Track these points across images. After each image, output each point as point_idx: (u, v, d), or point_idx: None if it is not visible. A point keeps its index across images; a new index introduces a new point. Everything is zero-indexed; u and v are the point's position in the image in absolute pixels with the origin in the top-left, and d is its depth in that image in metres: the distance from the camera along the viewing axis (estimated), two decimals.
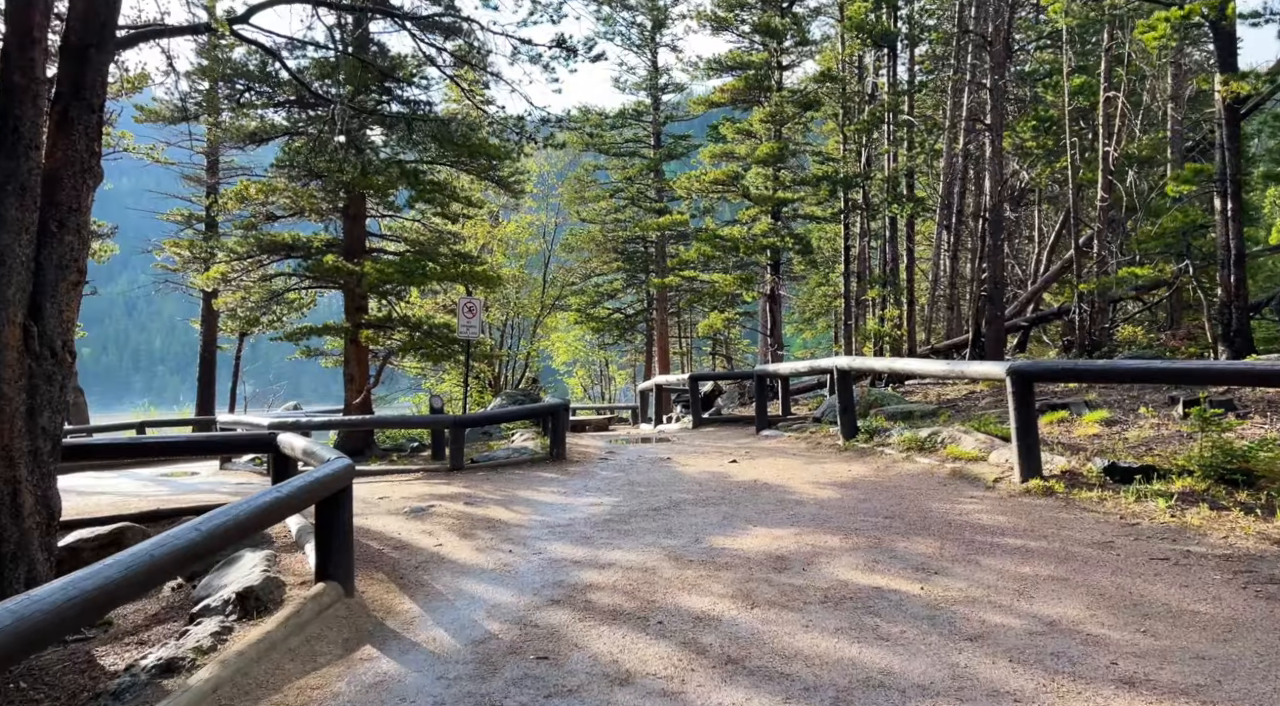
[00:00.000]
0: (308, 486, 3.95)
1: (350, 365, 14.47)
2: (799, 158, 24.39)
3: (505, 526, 6.86)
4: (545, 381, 27.36)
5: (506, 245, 19.67)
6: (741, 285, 19.11)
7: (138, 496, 9.32)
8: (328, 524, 4.49)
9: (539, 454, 11.28)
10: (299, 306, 20.42)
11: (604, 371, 35.38)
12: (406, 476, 10.42)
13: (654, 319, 30.27)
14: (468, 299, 11.84)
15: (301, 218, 14.20)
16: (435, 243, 14.40)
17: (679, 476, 9.39)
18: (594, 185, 29.76)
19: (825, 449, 11.05)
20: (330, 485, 4.28)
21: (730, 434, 14.68)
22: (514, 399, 17.09)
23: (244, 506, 3.52)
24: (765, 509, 7.19)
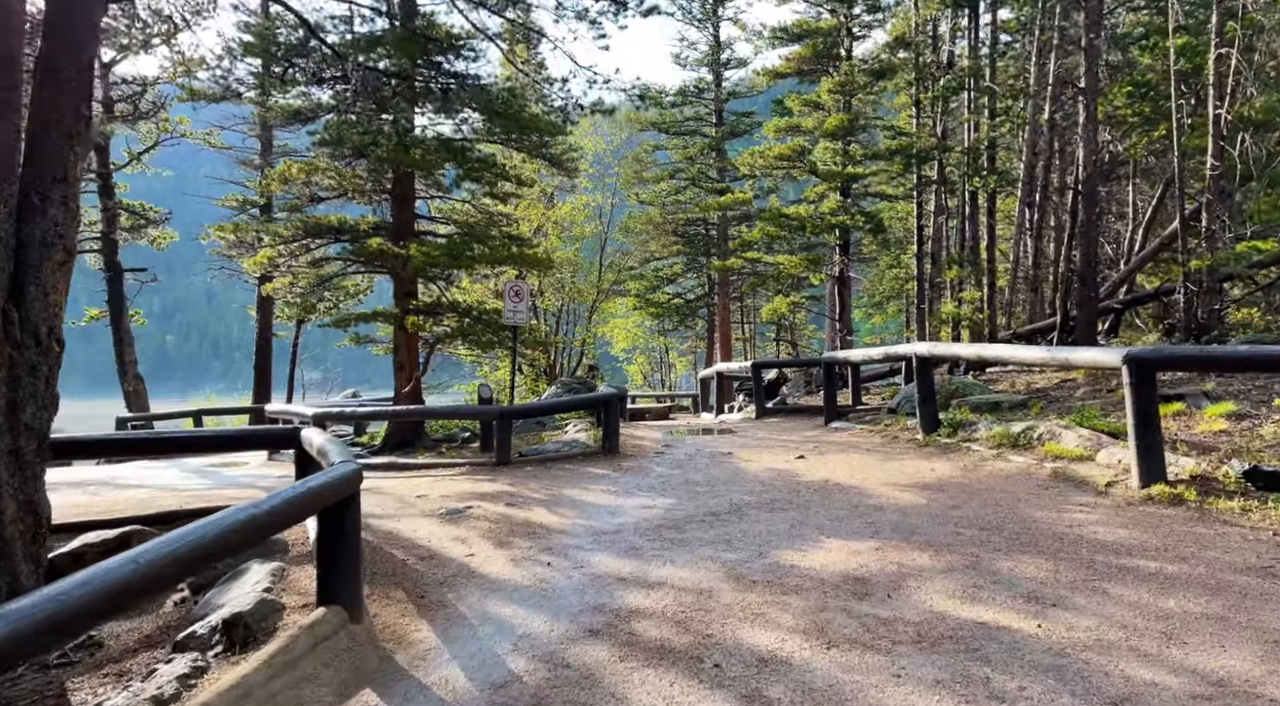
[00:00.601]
0: (298, 498, 3.33)
1: (399, 352, 14.05)
2: (869, 132, 23.16)
3: (546, 532, 6.20)
4: (604, 368, 26.78)
5: (561, 228, 19.03)
6: (808, 267, 18.12)
7: (172, 490, 8.98)
8: (330, 538, 3.89)
9: (591, 447, 10.63)
10: (355, 292, 20.28)
11: (664, 358, 34.61)
12: (451, 471, 9.89)
13: (715, 304, 29.39)
14: (514, 282, 11.22)
15: (348, 200, 13.80)
16: (485, 225, 13.85)
17: (741, 474, 8.62)
18: (653, 166, 28.94)
19: (903, 444, 10.13)
20: (328, 494, 3.66)
21: (796, 425, 13.82)
22: (569, 387, 16.51)
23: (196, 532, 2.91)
24: (839, 515, 6.38)
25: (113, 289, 19.11)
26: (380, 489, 8.45)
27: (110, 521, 5.95)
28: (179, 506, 7.13)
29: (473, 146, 12.82)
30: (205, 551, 2.84)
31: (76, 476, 11.34)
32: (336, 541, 3.89)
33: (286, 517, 3.25)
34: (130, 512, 7.02)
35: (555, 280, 18.98)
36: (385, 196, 14.11)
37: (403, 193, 13.85)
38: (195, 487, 9.30)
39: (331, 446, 4.78)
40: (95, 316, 19.83)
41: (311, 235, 12.90)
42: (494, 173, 12.38)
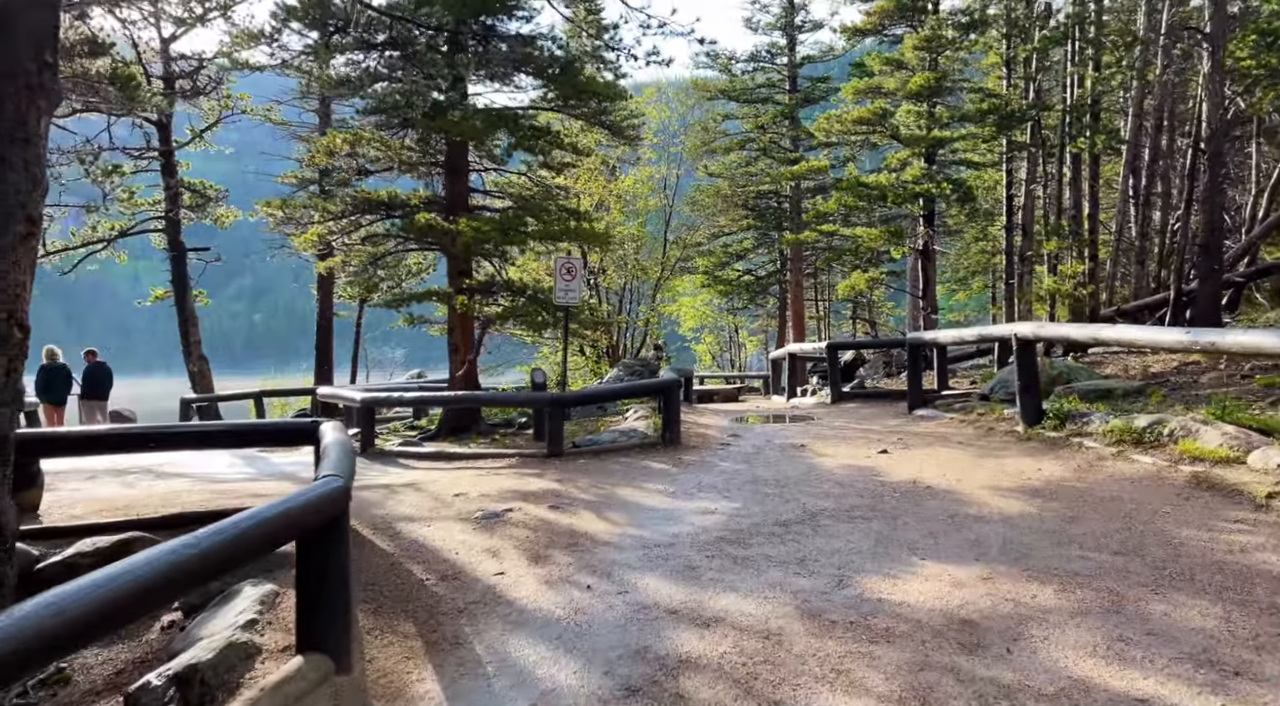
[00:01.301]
0: (242, 534, 2.60)
1: (454, 334, 13.49)
2: (954, 96, 21.59)
3: (591, 544, 5.44)
4: (671, 348, 25.94)
5: (624, 202, 18.17)
6: (889, 240, 16.87)
7: (210, 482, 8.57)
8: (310, 572, 3.19)
9: (650, 437, 9.85)
10: (417, 271, 19.88)
11: (733, 338, 33.55)
12: (499, 463, 9.24)
13: (787, 280, 28.18)
14: (565, 258, 10.44)
15: (398, 173, 13.24)
16: (541, 198, 13.12)
17: (815, 471, 7.72)
18: (722, 136, 27.76)
19: (1000, 437, 9.05)
20: (300, 519, 2.95)
21: (876, 412, 12.77)
22: (631, 370, 15.75)
23: (120, 572, 2.22)
24: (933, 528, 5.45)
25: (176, 269, 19.12)
26: (420, 484, 7.85)
27: (111, 525, 5.43)
28: (202, 505, 6.63)
29: (526, 114, 12.08)
30: (70, 627, 2.11)
31: (123, 463, 11.14)
32: (318, 575, 3.19)
33: (229, 558, 2.55)
34: (151, 510, 6.56)
35: (617, 257, 18.18)
36: (438, 170, 13.51)
37: (455, 165, 13.22)
38: (234, 479, 8.89)
39: (334, 450, 4.10)
40: (160, 296, 19.94)
41: (361, 210, 12.39)
42: (548, 141, 11.61)
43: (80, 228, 15.76)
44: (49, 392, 15.23)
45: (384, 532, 5.76)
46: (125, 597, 2.26)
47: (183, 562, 2.41)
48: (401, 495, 7.23)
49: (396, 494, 7.31)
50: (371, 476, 8.73)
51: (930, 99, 17.28)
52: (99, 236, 18.41)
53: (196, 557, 2.40)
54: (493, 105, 12.22)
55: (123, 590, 2.27)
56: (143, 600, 2.36)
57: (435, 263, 18.98)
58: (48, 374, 15.30)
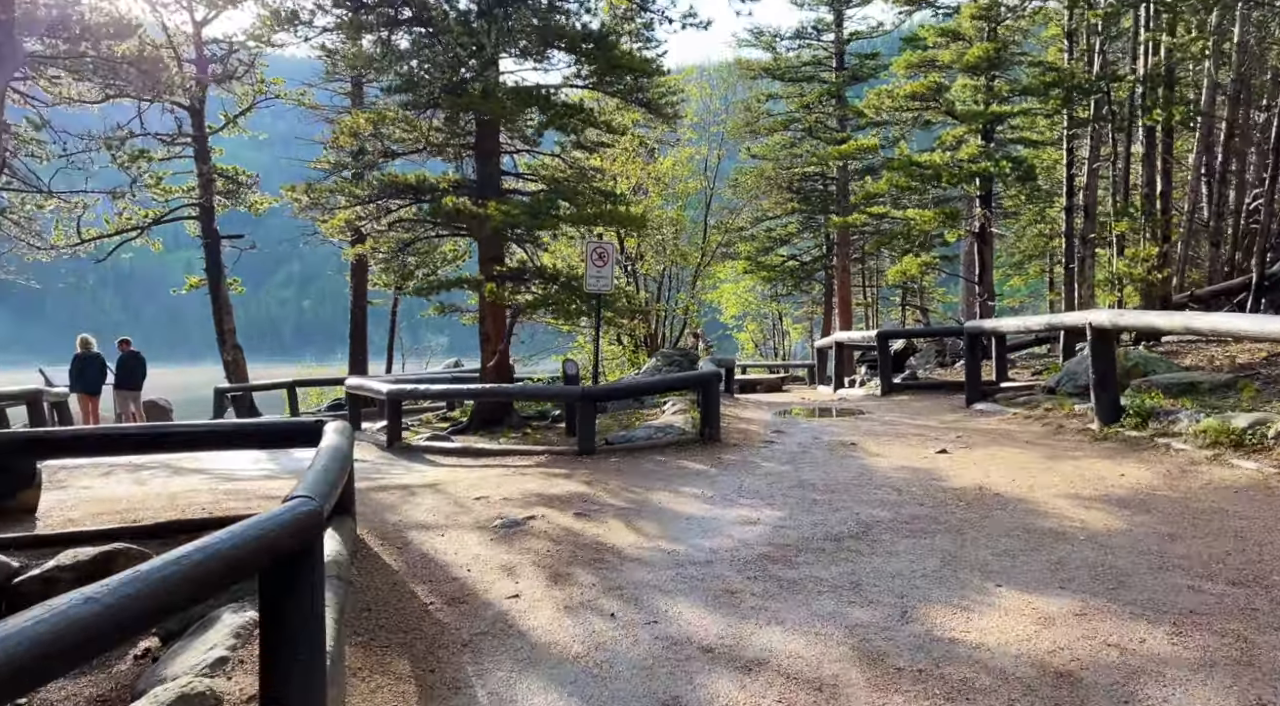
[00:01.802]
0: (151, 587, 2.08)
1: (485, 323, 13.04)
2: (1012, 71, 20.50)
3: (618, 561, 4.90)
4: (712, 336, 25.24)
5: (663, 184, 17.52)
6: (943, 222, 15.99)
7: (229, 479, 8.22)
8: (273, 619, 2.68)
9: (687, 433, 9.27)
10: (453, 258, 19.50)
11: (777, 325, 32.71)
12: (527, 461, 8.75)
13: (834, 266, 27.29)
14: (597, 243, 9.87)
15: (426, 156, 12.79)
16: (575, 180, 12.57)
17: (868, 474, 7.08)
18: (765, 116, 26.90)
19: (1071, 436, 8.30)
20: (246, 559, 2.43)
21: (930, 406, 12.04)
22: (670, 360, 15.18)
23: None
24: (1008, 546, 4.80)
25: (210, 257, 19.00)
26: (442, 485, 7.38)
27: (100, 535, 5.03)
28: (207, 508, 6.23)
29: (557, 91, 11.52)
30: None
31: (142, 456, 10.89)
32: (280, 623, 2.67)
33: (142, 615, 2.04)
34: (151, 514, 6.18)
35: (655, 242, 17.56)
36: (468, 152, 13.04)
37: (486, 147, 12.72)
38: (252, 475, 8.53)
39: (320, 461, 3.60)
40: (195, 284, 19.86)
41: (388, 195, 11.96)
42: (581, 119, 11.05)
43: (112, 215, 15.61)
44: (83, 382, 15.13)
45: (393, 544, 5.28)
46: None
47: (66, 630, 1.89)
48: (419, 498, 6.77)
49: (414, 496, 6.85)
50: (393, 475, 8.30)
51: (989, 72, 16.33)
52: (133, 224, 18.36)
53: (91, 618, 1.89)
54: (524, 83, 11.68)
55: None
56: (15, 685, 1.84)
57: (470, 249, 18.57)
58: (81, 363, 15.19)
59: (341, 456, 3.85)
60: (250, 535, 2.52)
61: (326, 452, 3.77)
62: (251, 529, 2.55)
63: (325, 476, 3.26)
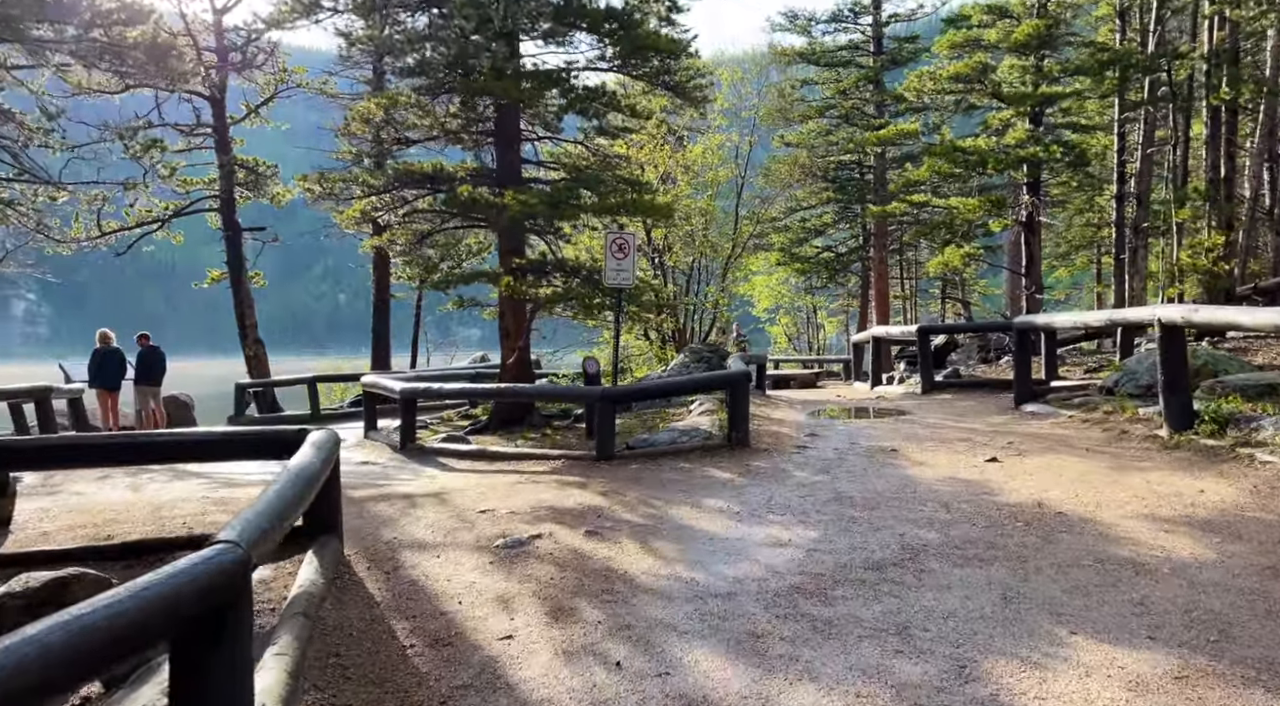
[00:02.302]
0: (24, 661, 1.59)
1: (505, 318, 12.56)
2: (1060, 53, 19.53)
3: (629, 591, 4.35)
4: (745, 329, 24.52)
5: (693, 173, 16.88)
6: (989, 211, 15.15)
7: (227, 485, 7.83)
8: (183, 691, 2.17)
9: (714, 437, 8.69)
10: (476, 250, 19.06)
11: (811, 319, 31.90)
12: (541, 466, 8.23)
13: (870, 257, 26.47)
14: (617, 233, 9.30)
15: (444, 144, 12.32)
16: (599, 168, 12.01)
17: (912, 486, 6.45)
18: (800, 102, 26.11)
19: (1137, 443, 7.59)
20: (138, 628, 1.93)
21: (975, 406, 11.33)
22: (699, 356, 14.57)
23: None
24: (1080, 581, 4.17)
25: (231, 249, 18.77)
26: (447, 494, 6.89)
27: (63, 555, 4.60)
28: (191, 519, 5.80)
29: (579, 75, 10.98)
30: None
31: None
32: (193, 695, 2.16)
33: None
34: (131, 527, 5.76)
35: (684, 233, 16.94)
36: (488, 140, 12.56)
37: (506, 134, 12.22)
38: (254, 480, 8.13)
39: (278, 486, 3.10)
40: (217, 278, 19.65)
41: (403, 184, 11.51)
42: (603, 103, 10.49)
43: (129, 206, 15.32)
44: (102, 378, 14.88)
45: (382, 567, 4.78)
46: None
47: None
48: (421, 510, 6.28)
49: (416, 508, 6.36)
50: (400, 481, 7.84)
51: (1038, 51, 15.46)
52: (154, 216, 18.17)
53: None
54: (544, 66, 11.13)
55: None
56: None
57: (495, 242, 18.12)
58: (100, 358, 14.94)
59: (305, 480, 3.34)
60: (145, 599, 2.00)
61: (285, 479, 3.26)
62: (149, 589, 2.04)
63: (268, 512, 2.74)
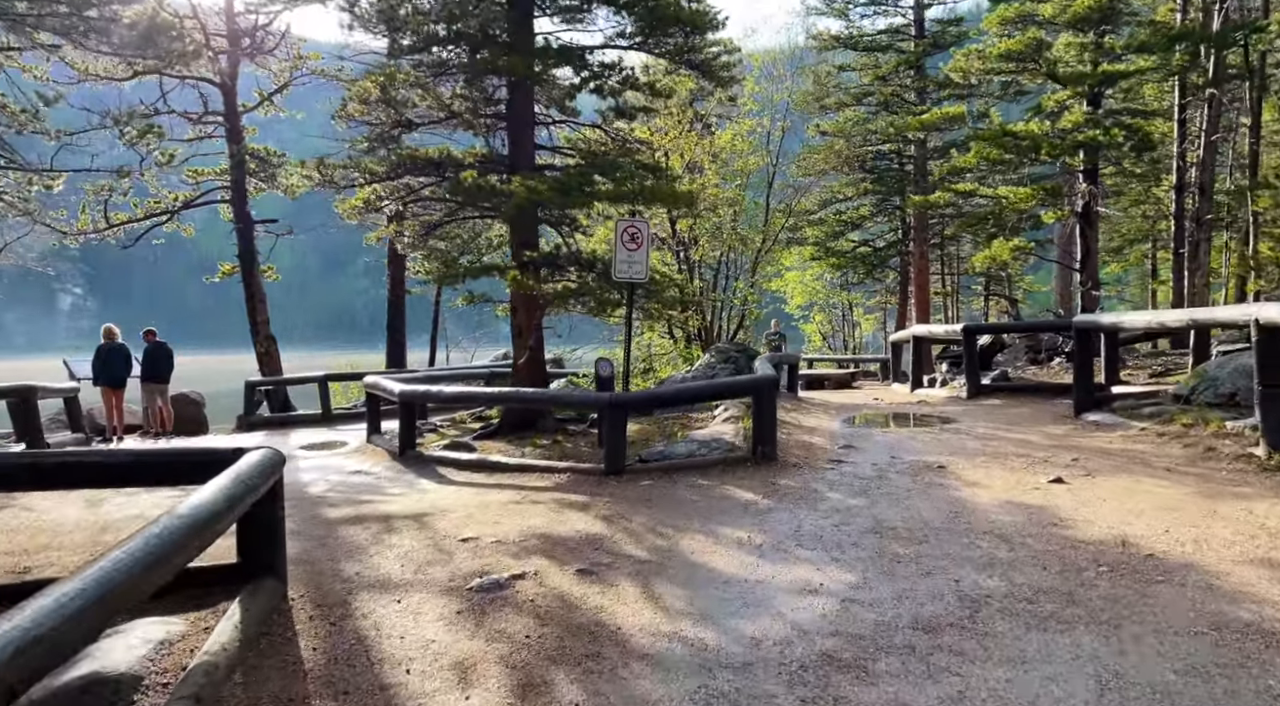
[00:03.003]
0: None
1: (517, 314, 11.80)
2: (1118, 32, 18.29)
3: (619, 657, 3.53)
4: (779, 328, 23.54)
5: (721, 161, 15.93)
6: (1042, 201, 14.04)
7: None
8: None
9: (737, 449, 7.84)
10: (498, 244, 18.32)
11: (847, 316, 30.77)
12: (544, 481, 7.44)
13: (909, 252, 25.33)
14: (628, 221, 8.44)
15: (452, 128, 11.59)
16: (616, 154, 11.19)
17: (965, 514, 5.56)
18: (836, 89, 25.03)
19: (1227, 463, 6.61)
20: None
21: (1029, 414, 10.36)
22: (725, 356, 13.72)
23: None
24: (1195, 656, 3.28)
25: (243, 242, 18.22)
26: (430, 517, 6.12)
27: None
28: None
29: (595, 51, 10.15)
30: None
31: None
32: None
33: None
34: (61, 555, 5.07)
35: (711, 225, 16.01)
36: (500, 125, 11.80)
37: (518, 118, 11.45)
38: None
39: (132, 544, 2.33)
40: (228, 272, 19.13)
41: (407, 171, 10.78)
42: (619, 80, 9.67)
43: (124, 195, 14.80)
44: (106, 375, 14.34)
45: (327, 617, 4.02)
46: None
47: None
48: (396, 536, 5.52)
49: (391, 533, 5.60)
50: (385, 497, 7.10)
51: (1099, 26, 14.33)
52: (163, 208, 17.69)
53: None
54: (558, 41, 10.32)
55: None
56: None
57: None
58: (105, 355, 14.41)
59: (185, 529, 2.56)
60: None
61: (150, 534, 2.48)
62: None
63: (48, 617, 1.94)
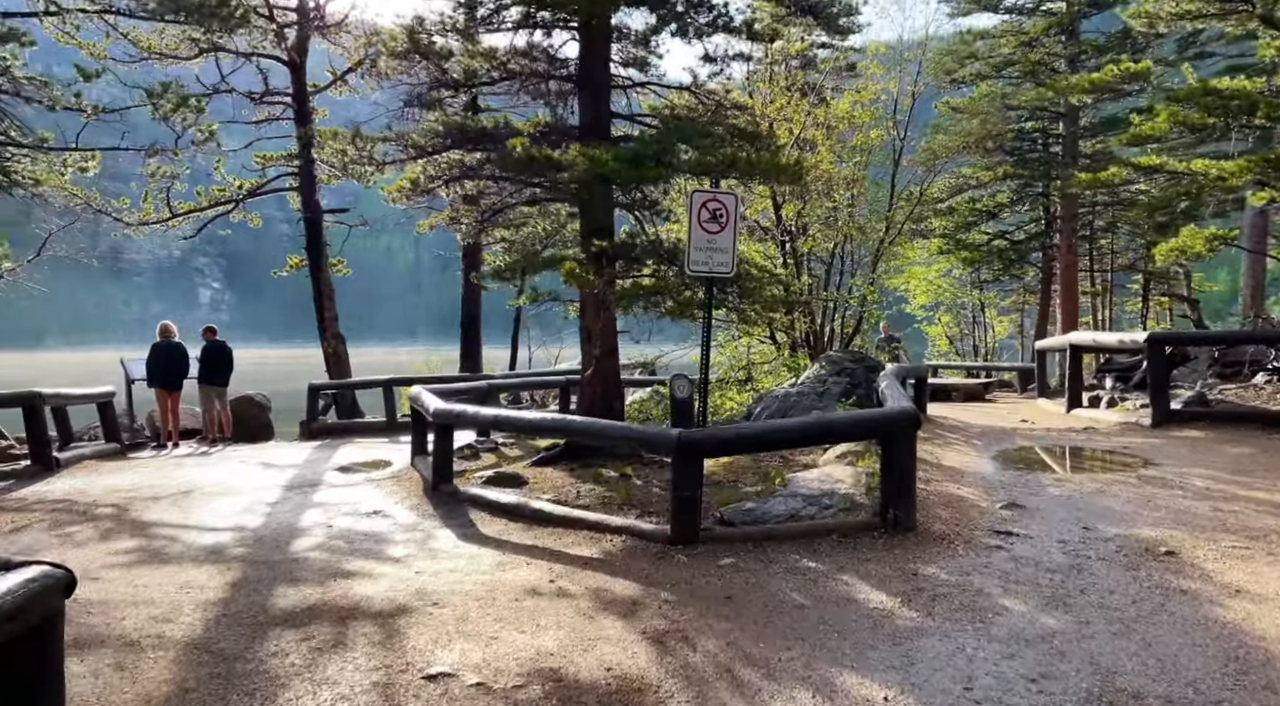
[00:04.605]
0: None
1: (585, 315, 9.99)
2: None
3: None
4: (902, 331, 20.90)
5: (836, 136, 13.67)
6: (1263, 176, 11.15)
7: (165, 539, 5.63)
8: None
9: (857, 507, 5.74)
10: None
11: (978, 318, 27.75)
12: (588, 549, 5.53)
13: (1056, 245, 22.31)
14: (709, 193, 6.35)
15: (515, 95, 9.86)
16: (709, 121, 9.20)
17: (1247, 663, 3.34)
18: (971, 60, 22.19)
19: None
20: None
21: (1257, 454, 7.81)
22: (839, 367, 11.51)
23: None
24: None
25: (311, 233, 17.16)
26: (407, 615, 4.33)
27: None
28: None
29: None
30: None
31: (166, 481, 8.69)
32: None
33: None
34: None
35: (824, 211, 13.77)
36: (569, 87, 10.01)
37: (591, 79, 9.62)
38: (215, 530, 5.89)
39: None
40: (296, 265, 18.13)
41: (456, 143, 9.11)
42: (708, 20, 7.70)
43: (153, 171, 13.83)
44: (161, 376, 13.31)
45: None
46: None
47: None
48: (341, 660, 3.73)
49: (339, 651, 3.82)
50: (372, 570, 5.35)
51: None
52: (227, 196, 16.81)
53: None
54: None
55: None
56: None
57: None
58: (159, 354, 13.39)
59: None
60: None
61: None
62: None
63: None
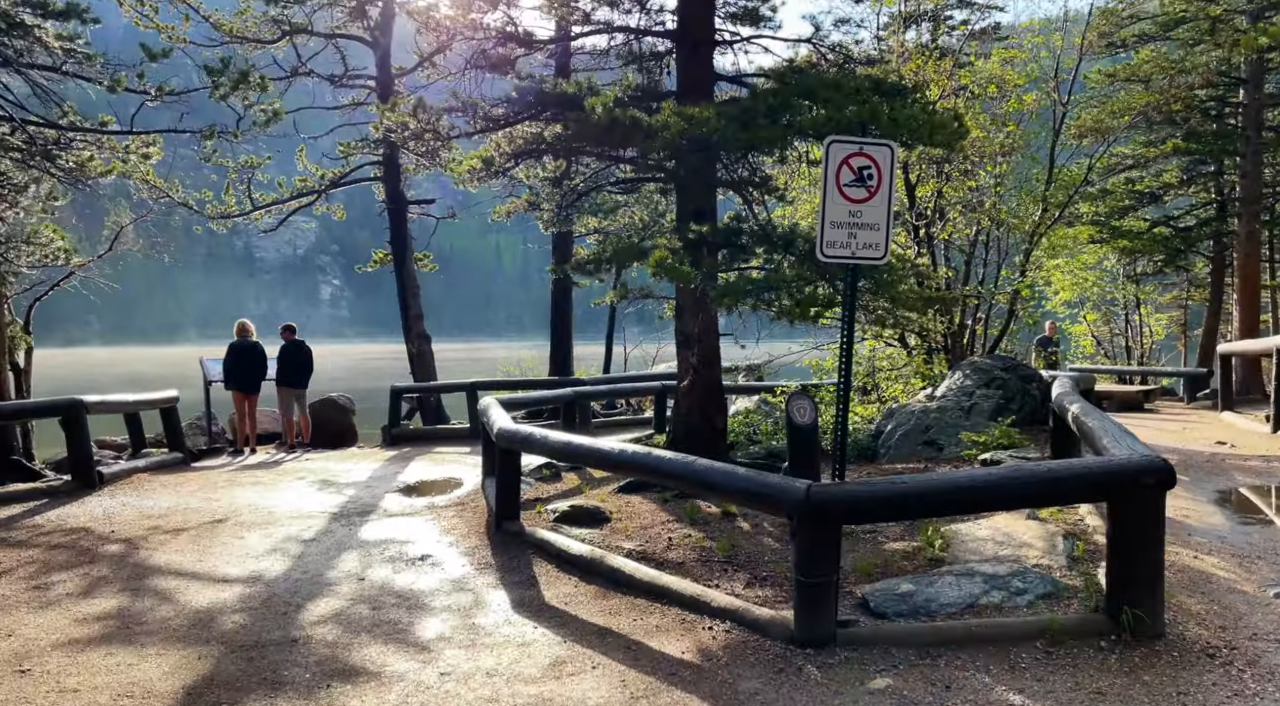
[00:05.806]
0: None
1: (683, 316, 8.53)
2: None
3: None
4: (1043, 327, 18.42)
5: (980, 103, 11.62)
6: None
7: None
8: None
9: (1064, 590, 4.03)
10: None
11: (1131, 316, 24.72)
12: (678, 639, 4.04)
13: (1233, 232, 19.40)
14: (854, 144, 4.66)
15: (597, 58, 8.46)
16: (830, 82, 7.54)
17: None
18: (1133, 20, 19.49)
19: None
20: None
21: None
22: (987, 377, 9.64)
23: None
24: None
25: (395, 225, 16.31)
26: None
27: None
28: None
29: None
30: None
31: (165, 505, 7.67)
32: None
33: None
34: None
35: (965, 192, 11.72)
36: (666, 43, 8.56)
37: (691, 33, 8.16)
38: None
39: None
40: (381, 259, 17.32)
41: (526, 111, 7.77)
42: None
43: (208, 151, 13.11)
44: (238, 378, 12.59)
45: None
46: None
47: None
48: None
49: None
50: (384, 661, 4.02)
51: None
52: (310, 187, 16.12)
53: None
54: None
55: None
56: None
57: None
58: (237, 355, 12.67)
59: None
60: None
61: None
62: None
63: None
